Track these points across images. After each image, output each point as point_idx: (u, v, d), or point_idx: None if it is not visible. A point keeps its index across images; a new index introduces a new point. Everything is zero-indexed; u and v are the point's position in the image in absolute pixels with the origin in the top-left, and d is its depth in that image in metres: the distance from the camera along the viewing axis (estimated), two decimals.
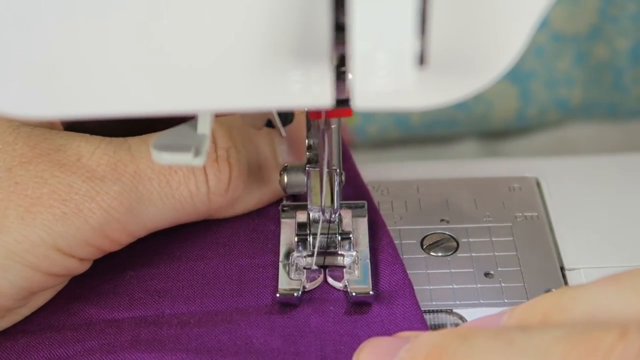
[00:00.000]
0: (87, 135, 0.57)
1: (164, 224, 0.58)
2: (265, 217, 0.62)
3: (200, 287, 0.59)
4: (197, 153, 0.48)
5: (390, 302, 0.57)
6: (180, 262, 0.60)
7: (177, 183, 0.57)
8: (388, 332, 0.55)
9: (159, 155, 0.48)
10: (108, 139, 0.57)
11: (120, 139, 0.57)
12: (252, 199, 0.61)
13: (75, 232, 0.54)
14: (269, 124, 0.60)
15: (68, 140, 0.56)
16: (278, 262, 0.60)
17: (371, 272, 0.58)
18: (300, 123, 0.60)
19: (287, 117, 0.60)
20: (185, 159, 0.48)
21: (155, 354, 0.54)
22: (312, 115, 0.55)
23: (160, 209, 0.57)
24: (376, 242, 0.60)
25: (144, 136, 0.57)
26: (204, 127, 0.49)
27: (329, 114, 0.54)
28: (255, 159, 0.60)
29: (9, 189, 0.53)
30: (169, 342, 0.55)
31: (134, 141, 0.57)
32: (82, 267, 0.56)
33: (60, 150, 0.55)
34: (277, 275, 0.59)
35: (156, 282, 0.59)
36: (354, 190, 0.64)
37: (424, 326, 0.56)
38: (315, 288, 0.59)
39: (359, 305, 0.57)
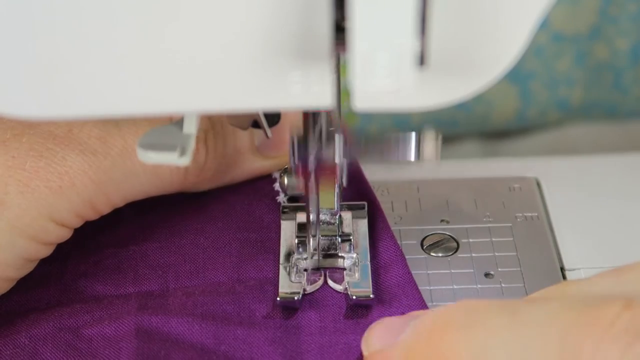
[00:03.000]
0: None
1: (141, 196, 0.59)
2: (261, 192, 0.63)
3: (203, 261, 0.60)
4: (182, 153, 0.49)
5: (393, 304, 0.57)
6: (181, 236, 0.61)
7: None
8: None
9: (145, 154, 0.49)
10: None
11: None
12: (223, 180, 0.62)
13: (68, 205, 0.55)
14: (255, 124, 0.60)
15: None
16: (274, 237, 0.60)
17: (375, 272, 0.58)
18: (286, 123, 0.61)
19: (273, 118, 0.60)
20: (170, 158, 0.49)
21: (162, 317, 0.55)
22: (300, 174, 0.55)
23: (143, 182, 0.58)
24: (379, 242, 0.60)
25: None
26: (190, 126, 0.50)
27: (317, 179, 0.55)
28: (232, 143, 0.61)
29: (7, 163, 0.54)
30: (175, 308, 0.56)
31: None
32: (70, 235, 0.58)
33: (49, 121, 0.56)
34: (277, 249, 0.60)
35: (159, 256, 0.60)
36: (357, 190, 0.64)
37: None
38: (315, 290, 0.59)
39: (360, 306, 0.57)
